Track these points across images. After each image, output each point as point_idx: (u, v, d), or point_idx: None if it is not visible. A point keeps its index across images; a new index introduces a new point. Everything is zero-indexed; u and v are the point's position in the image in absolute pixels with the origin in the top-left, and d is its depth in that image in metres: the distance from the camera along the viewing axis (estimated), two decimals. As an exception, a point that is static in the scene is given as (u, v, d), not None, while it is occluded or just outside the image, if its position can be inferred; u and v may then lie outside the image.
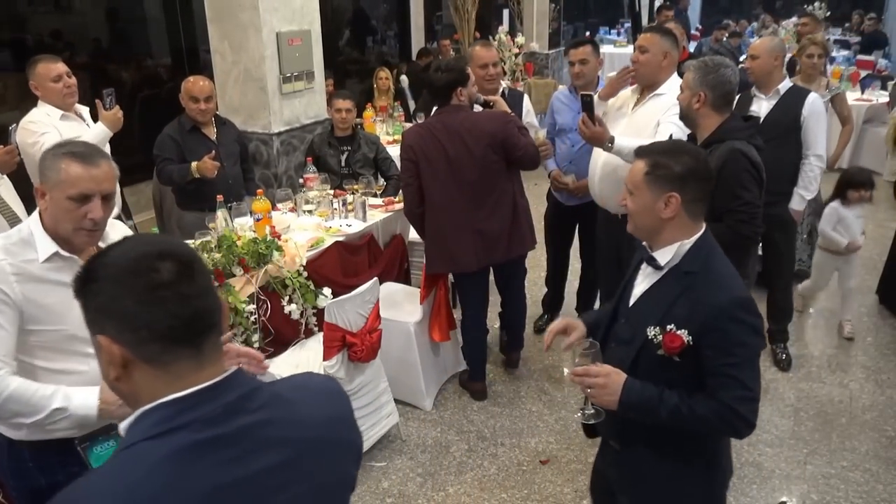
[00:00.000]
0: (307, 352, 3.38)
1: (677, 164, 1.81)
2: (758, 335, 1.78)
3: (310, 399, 1.16)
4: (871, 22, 12.61)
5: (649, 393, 1.81)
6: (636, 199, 1.88)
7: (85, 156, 1.85)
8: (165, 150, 4.08)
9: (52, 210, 1.87)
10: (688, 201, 1.81)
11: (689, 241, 1.83)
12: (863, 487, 3.19)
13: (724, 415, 1.75)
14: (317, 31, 5.37)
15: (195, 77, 4.13)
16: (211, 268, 3.15)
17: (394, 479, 3.32)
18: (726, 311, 1.73)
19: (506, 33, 9.39)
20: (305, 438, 1.10)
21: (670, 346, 1.77)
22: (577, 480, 3.28)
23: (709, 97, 2.73)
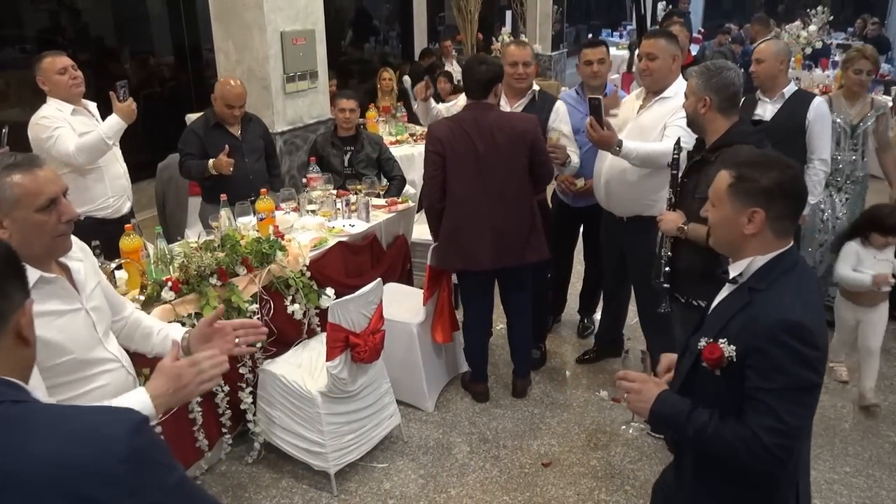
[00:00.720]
0: (310, 352, 3.38)
1: (765, 177, 1.69)
2: (806, 367, 1.61)
3: (56, 436, 1.00)
4: (875, 26, 12.60)
5: (680, 408, 1.76)
6: (717, 212, 1.79)
7: (27, 162, 1.70)
8: (188, 144, 4.20)
9: (20, 233, 1.68)
10: (773, 218, 1.70)
11: (764, 258, 1.73)
12: (866, 493, 3.18)
13: (749, 442, 1.64)
14: (321, 30, 5.37)
15: (231, 82, 4.15)
16: (214, 267, 3.14)
17: (395, 480, 3.31)
18: (771, 331, 1.61)
19: (508, 34, 9.39)
20: (10, 472, 0.96)
21: (709, 357, 1.70)
22: (579, 483, 3.27)
23: (714, 101, 2.71)
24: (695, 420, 1.72)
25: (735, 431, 1.66)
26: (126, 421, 1.04)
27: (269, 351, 3.38)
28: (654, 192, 3.38)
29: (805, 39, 8.47)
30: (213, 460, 3.38)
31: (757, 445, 1.63)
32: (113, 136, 3.56)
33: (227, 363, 1.74)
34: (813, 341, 1.61)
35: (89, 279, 1.95)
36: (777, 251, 1.73)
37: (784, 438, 1.62)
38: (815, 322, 1.63)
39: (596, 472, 3.35)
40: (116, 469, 0.98)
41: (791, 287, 1.69)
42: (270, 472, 3.35)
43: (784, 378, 1.61)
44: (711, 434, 1.69)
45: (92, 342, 1.90)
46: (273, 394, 3.24)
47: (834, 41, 12.75)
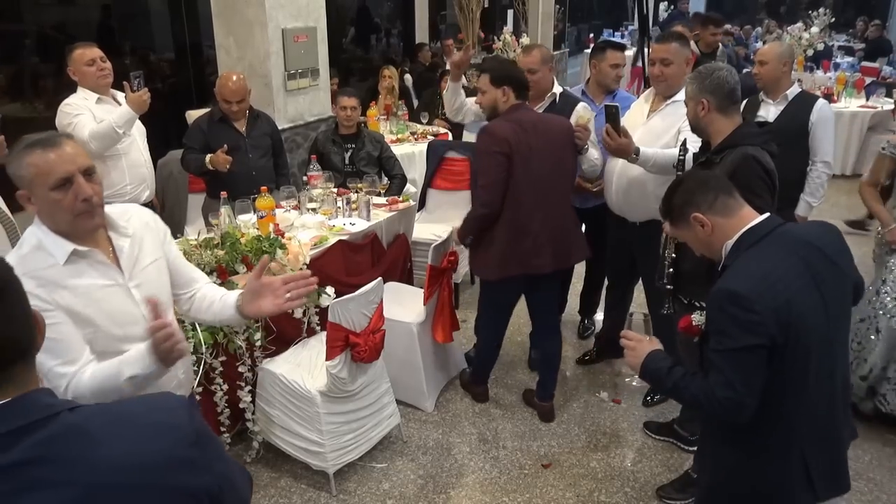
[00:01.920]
0: (309, 351, 3.36)
1: (675, 198, 2.05)
2: (745, 330, 1.80)
3: (124, 438, 1.02)
4: (876, 28, 12.60)
5: (663, 364, 2.03)
6: (692, 243, 2.10)
7: (45, 142, 1.74)
8: (191, 138, 4.22)
9: (44, 209, 1.77)
10: (707, 209, 1.97)
11: (732, 239, 1.96)
12: (866, 497, 3.17)
13: (708, 395, 1.88)
14: (323, 28, 5.36)
15: (231, 77, 4.12)
16: (214, 265, 3.13)
17: (395, 480, 3.30)
18: (715, 299, 1.85)
19: (510, 34, 9.37)
20: (96, 484, 0.98)
21: (682, 326, 2.02)
22: (578, 485, 3.26)
23: (712, 102, 2.69)
24: (672, 375, 1.99)
25: (700, 385, 1.91)
26: (181, 407, 1.11)
27: (268, 350, 3.37)
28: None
29: (807, 41, 8.46)
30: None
31: (713, 398, 1.87)
32: (123, 126, 3.63)
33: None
34: (747, 306, 1.79)
35: (142, 256, 1.97)
36: (740, 230, 1.95)
37: (731, 392, 1.83)
38: (754, 289, 1.80)
39: (596, 473, 3.34)
40: (191, 453, 1.06)
41: (746, 261, 1.90)
42: (269, 472, 3.34)
43: (726, 339, 1.84)
44: (683, 387, 1.96)
45: (130, 319, 1.90)
46: (272, 393, 3.23)
47: (835, 43, 12.76)
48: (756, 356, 1.82)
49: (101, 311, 1.84)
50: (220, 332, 3.09)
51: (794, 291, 1.82)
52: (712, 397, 1.86)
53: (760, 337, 1.79)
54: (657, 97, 3.48)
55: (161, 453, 1.03)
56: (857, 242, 4.30)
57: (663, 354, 2.07)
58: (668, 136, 3.33)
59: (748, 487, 2.02)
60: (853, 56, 11.44)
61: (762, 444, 1.97)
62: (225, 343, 3.15)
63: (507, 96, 3.26)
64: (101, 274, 1.86)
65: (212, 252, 3.19)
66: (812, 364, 1.87)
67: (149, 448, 1.02)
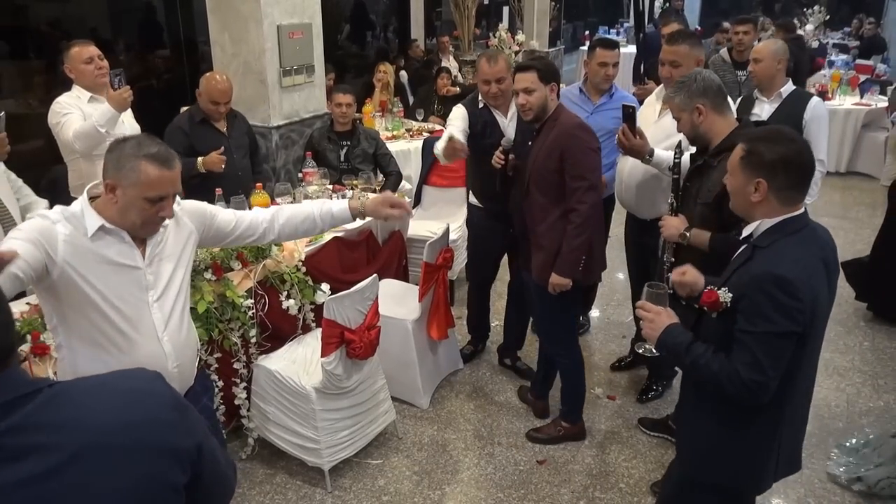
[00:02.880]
0: (304, 348, 3.36)
1: (770, 151, 1.90)
2: (784, 315, 1.82)
3: (104, 401, 1.09)
4: (871, 26, 12.62)
5: (682, 339, 2.02)
6: (731, 181, 2.02)
7: (164, 160, 1.93)
8: (173, 142, 4.04)
9: (123, 205, 1.93)
10: (777, 188, 1.91)
11: (772, 220, 1.94)
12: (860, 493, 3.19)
13: (731, 375, 1.88)
14: (318, 24, 5.34)
15: (217, 77, 4.07)
16: (209, 262, 3.12)
17: (390, 477, 3.30)
18: (758, 280, 1.84)
19: (506, 31, 9.37)
20: (85, 444, 1.03)
21: (706, 301, 1.95)
22: (573, 481, 3.27)
23: (707, 104, 2.64)
24: (692, 351, 1.98)
25: (722, 364, 1.91)
26: (158, 377, 1.19)
27: (263, 346, 3.37)
28: None
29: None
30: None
31: (737, 379, 1.87)
32: (105, 125, 3.52)
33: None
34: (793, 293, 1.82)
35: (168, 248, 2.12)
36: (785, 216, 1.93)
37: (759, 375, 1.85)
38: (800, 277, 1.83)
39: (591, 469, 3.35)
40: (171, 415, 1.13)
41: (788, 247, 1.90)
42: (264, 468, 3.34)
43: (764, 322, 1.84)
44: (703, 364, 1.95)
45: (137, 302, 2.03)
46: (267, 389, 3.23)
47: (830, 41, 12.78)
48: (790, 342, 1.86)
49: (110, 287, 1.96)
50: (215, 329, 3.09)
51: (820, 286, 1.90)
52: (736, 378, 1.87)
53: (798, 325, 1.84)
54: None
55: (146, 414, 1.10)
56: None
57: (681, 329, 2.06)
58: (678, 135, 3.33)
59: (731, 470, 2.08)
60: (848, 54, 11.45)
61: (752, 424, 2.02)
62: (220, 340, 3.15)
63: (553, 93, 3.12)
64: (121, 253, 1.99)
65: (207, 249, 3.18)
66: (811, 355, 1.99)
67: (133, 410, 1.10)
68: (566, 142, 3.03)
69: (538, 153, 3.11)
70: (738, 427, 2.04)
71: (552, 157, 3.05)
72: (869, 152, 7.93)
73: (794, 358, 1.91)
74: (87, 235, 1.94)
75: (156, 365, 2.00)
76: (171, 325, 2.12)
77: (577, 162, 3.01)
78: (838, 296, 4.92)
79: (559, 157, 3.03)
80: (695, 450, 2.19)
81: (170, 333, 2.11)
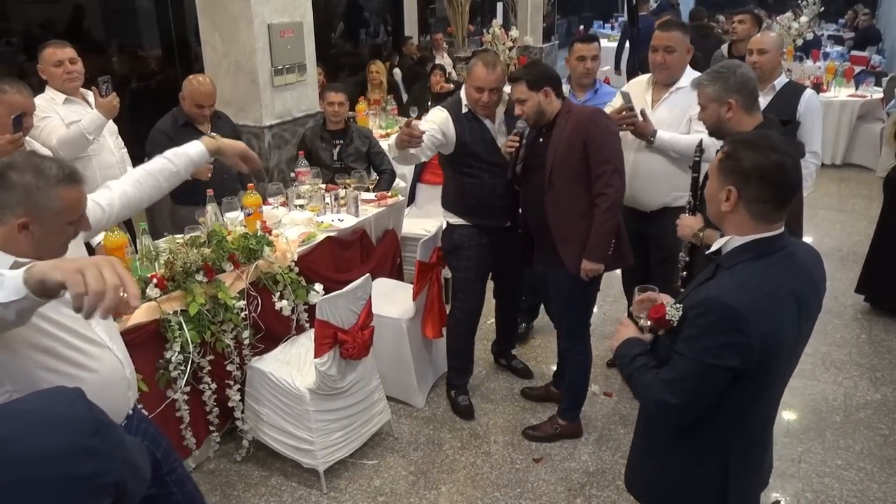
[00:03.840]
0: (298, 348, 3.34)
1: (748, 158, 1.70)
2: (722, 347, 1.65)
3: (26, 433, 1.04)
4: (866, 18, 12.61)
5: (630, 352, 1.91)
6: (709, 185, 1.84)
7: (74, 177, 1.78)
8: (158, 146, 3.98)
9: (41, 237, 1.75)
10: (748, 200, 1.71)
11: (741, 239, 1.75)
12: (857, 486, 3.18)
13: (650, 389, 1.79)
14: (309, 23, 5.32)
15: (200, 79, 3.99)
16: (200, 264, 3.10)
17: (385, 477, 3.29)
18: (704, 304, 1.68)
19: (499, 27, 9.34)
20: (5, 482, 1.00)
21: (652, 316, 1.82)
22: (570, 479, 3.26)
23: (739, 101, 2.56)
24: (633, 363, 1.87)
25: (648, 379, 1.80)
26: (78, 399, 1.12)
27: (256, 348, 3.35)
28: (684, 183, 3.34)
29: (796, 31, 8.45)
30: (201, 458, 3.34)
31: (652, 393, 1.77)
32: (93, 132, 3.55)
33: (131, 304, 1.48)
34: (738, 326, 1.63)
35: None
36: (755, 235, 1.74)
37: (669, 395, 1.73)
38: (750, 310, 1.64)
39: (587, 467, 3.34)
40: (93, 442, 1.08)
41: (751, 273, 1.70)
42: (259, 470, 3.33)
43: (700, 350, 1.68)
44: (636, 377, 1.85)
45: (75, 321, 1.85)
46: (261, 391, 3.21)
47: (825, 32, 12.78)
48: (722, 377, 1.69)
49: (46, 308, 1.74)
50: (207, 332, 3.07)
51: (784, 320, 1.70)
52: (652, 392, 1.77)
53: (737, 360, 1.66)
54: (657, 85, 3.45)
55: (65, 445, 1.05)
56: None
57: (638, 342, 1.93)
58: (677, 125, 3.33)
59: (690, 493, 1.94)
60: (843, 45, 11.45)
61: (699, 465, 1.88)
62: (213, 342, 3.13)
63: (549, 97, 3.06)
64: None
65: (198, 251, 3.16)
66: (768, 394, 1.82)
67: (52, 440, 1.05)
68: (587, 128, 3.01)
69: (557, 147, 3.05)
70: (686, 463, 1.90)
71: (574, 147, 3.01)
72: (864, 144, 7.92)
73: (743, 402, 1.76)
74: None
75: (116, 375, 1.96)
76: (113, 333, 2.03)
77: (600, 146, 3.00)
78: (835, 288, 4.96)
79: (581, 145, 3.00)
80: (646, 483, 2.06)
81: (115, 341, 2.02)
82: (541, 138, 3.17)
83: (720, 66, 2.69)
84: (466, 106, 3.36)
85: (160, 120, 4.11)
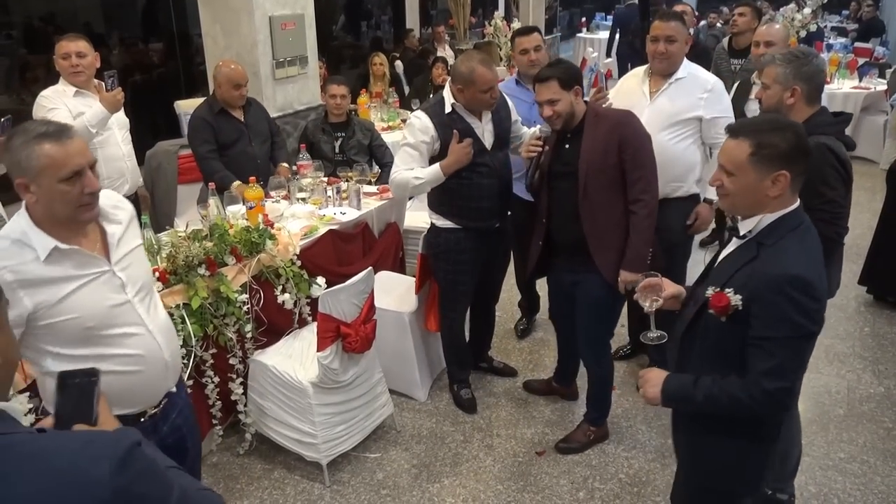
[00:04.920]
0: (301, 342, 3.34)
1: (783, 141, 1.79)
2: (806, 317, 1.74)
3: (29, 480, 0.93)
4: (869, 9, 12.55)
5: (686, 380, 1.92)
6: (738, 181, 1.85)
7: (58, 133, 1.76)
8: (203, 137, 4.11)
9: (45, 200, 1.78)
10: (795, 176, 1.81)
11: (773, 215, 1.84)
12: (860, 479, 3.17)
13: (751, 388, 1.79)
14: (310, 15, 5.30)
15: (230, 64, 4.13)
16: (203, 257, 3.10)
17: (388, 470, 3.29)
18: (776, 282, 1.74)
19: (501, 19, 9.31)
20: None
21: (716, 305, 1.82)
22: (573, 472, 3.25)
23: (804, 90, 2.50)
24: (701, 385, 1.88)
25: (737, 383, 1.81)
26: (109, 457, 0.96)
27: (259, 341, 3.35)
28: (683, 174, 3.39)
29: (800, 22, 8.41)
30: (205, 452, 3.34)
31: (758, 390, 1.78)
32: (97, 125, 3.58)
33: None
34: (813, 293, 1.74)
35: (127, 241, 2.01)
36: (784, 209, 1.84)
37: (783, 381, 1.77)
38: (816, 276, 1.76)
39: (590, 460, 3.33)
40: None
41: (795, 243, 1.81)
42: (262, 463, 3.33)
43: (786, 327, 1.74)
44: (718, 392, 1.84)
45: (117, 303, 1.92)
46: (264, 384, 3.21)
47: (828, 24, 12.72)
48: (811, 344, 1.80)
49: (83, 305, 1.86)
50: (210, 325, 3.07)
51: (825, 283, 1.83)
52: (758, 392, 1.78)
53: (818, 325, 1.77)
54: (655, 76, 3.42)
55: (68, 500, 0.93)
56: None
57: (678, 374, 1.97)
58: (679, 118, 3.31)
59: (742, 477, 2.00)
60: (846, 37, 11.40)
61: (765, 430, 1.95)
62: (215, 335, 3.13)
63: (578, 97, 2.97)
64: (82, 266, 1.86)
65: (200, 244, 3.15)
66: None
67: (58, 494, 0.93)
68: (623, 131, 2.93)
69: (592, 153, 2.93)
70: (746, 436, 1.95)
71: (610, 152, 2.91)
72: (868, 136, 7.87)
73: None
74: (41, 260, 1.80)
75: (153, 358, 2.00)
76: (154, 315, 2.06)
77: (637, 150, 2.93)
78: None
79: (617, 149, 2.91)
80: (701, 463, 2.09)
81: (156, 324, 2.05)
82: (566, 144, 3.04)
83: (799, 49, 2.62)
84: (451, 105, 3.20)
85: (196, 107, 4.24)
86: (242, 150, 4.15)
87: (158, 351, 2.03)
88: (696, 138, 3.41)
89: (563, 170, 3.02)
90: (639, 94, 3.46)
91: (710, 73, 3.50)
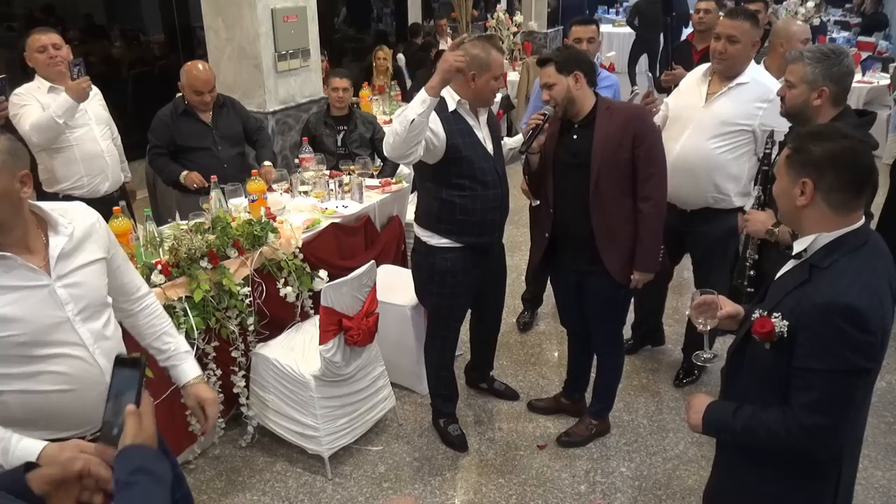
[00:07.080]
0: (303, 335, 3.35)
1: (817, 147, 1.66)
2: (855, 351, 1.58)
3: None
4: (872, 3, 12.50)
5: (727, 408, 1.81)
6: (778, 184, 1.77)
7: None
8: (156, 135, 4.02)
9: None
10: (825, 189, 1.65)
11: (829, 235, 1.68)
12: (861, 474, 3.16)
13: (788, 422, 1.66)
14: (313, 7, 5.29)
15: (197, 66, 3.93)
16: (205, 250, 3.10)
17: (390, 463, 3.30)
18: (824, 311, 1.59)
19: (504, 12, 9.28)
20: None
21: (759, 331, 1.69)
22: (574, 466, 3.26)
23: (832, 91, 2.40)
24: (741, 415, 1.76)
25: (776, 415, 1.69)
26: None
27: (261, 334, 3.35)
28: (726, 185, 3.25)
29: (802, 16, 8.39)
30: (207, 444, 3.36)
31: (795, 424, 1.65)
32: (63, 115, 3.44)
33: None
34: (865, 326, 1.58)
35: (80, 256, 1.84)
36: (844, 229, 1.68)
37: (823, 418, 1.62)
38: (871, 307, 1.59)
39: (591, 454, 3.34)
40: None
41: (853, 268, 1.64)
42: (264, 456, 3.34)
43: (830, 359, 1.59)
44: (756, 424, 1.72)
45: (53, 321, 1.76)
46: (266, 377, 3.22)
47: (831, 18, 12.67)
48: (860, 381, 1.63)
49: (22, 313, 1.72)
50: (212, 318, 3.07)
51: (889, 312, 1.66)
52: (795, 427, 1.65)
53: (871, 361, 1.61)
54: (716, 77, 3.27)
55: None
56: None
57: (721, 401, 1.86)
58: (731, 127, 3.18)
59: None
60: (849, 31, 11.35)
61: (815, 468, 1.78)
62: (217, 328, 3.13)
63: (579, 83, 2.85)
64: (20, 277, 1.72)
65: (202, 237, 3.15)
66: (870, 387, 1.77)
67: None
68: (638, 125, 2.86)
69: (605, 146, 2.85)
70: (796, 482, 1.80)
71: (624, 146, 2.84)
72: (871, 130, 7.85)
73: (859, 403, 1.71)
74: None
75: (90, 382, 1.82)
76: (99, 336, 1.87)
77: (650, 146, 2.87)
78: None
79: (631, 143, 2.83)
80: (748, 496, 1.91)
81: (101, 347, 1.86)
82: (574, 135, 2.94)
83: (829, 48, 2.50)
84: (452, 103, 2.95)
85: (162, 108, 4.08)
86: (207, 154, 3.97)
87: (99, 376, 1.82)
88: (748, 150, 3.23)
89: (572, 161, 2.93)
90: (696, 94, 3.31)
91: (776, 82, 3.12)
